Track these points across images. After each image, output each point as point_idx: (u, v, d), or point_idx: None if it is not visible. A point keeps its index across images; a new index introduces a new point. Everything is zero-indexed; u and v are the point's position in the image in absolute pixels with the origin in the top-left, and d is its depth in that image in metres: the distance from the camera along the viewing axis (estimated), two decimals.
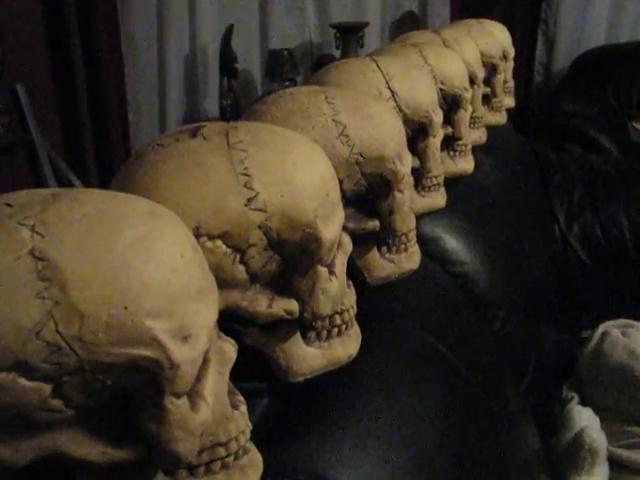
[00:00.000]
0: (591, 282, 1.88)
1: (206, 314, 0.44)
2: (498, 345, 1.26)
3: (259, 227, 0.56)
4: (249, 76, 2.86)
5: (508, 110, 1.75)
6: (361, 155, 0.73)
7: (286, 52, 2.75)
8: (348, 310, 0.67)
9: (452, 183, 1.26)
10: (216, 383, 0.47)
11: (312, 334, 0.64)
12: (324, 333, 0.65)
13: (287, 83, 2.66)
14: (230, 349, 0.49)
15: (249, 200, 0.56)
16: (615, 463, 1.17)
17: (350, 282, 0.69)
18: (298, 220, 0.57)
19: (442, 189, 1.10)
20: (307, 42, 2.92)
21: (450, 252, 1.25)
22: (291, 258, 0.59)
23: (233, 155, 0.57)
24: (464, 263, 1.28)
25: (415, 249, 0.86)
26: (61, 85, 2.48)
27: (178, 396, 0.42)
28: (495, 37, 1.56)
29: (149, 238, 0.42)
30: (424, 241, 1.20)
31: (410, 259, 0.84)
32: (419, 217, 1.10)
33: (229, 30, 2.60)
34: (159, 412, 0.42)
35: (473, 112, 1.31)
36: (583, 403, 1.31)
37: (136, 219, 0.43)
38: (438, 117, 0.98)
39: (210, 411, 0.45)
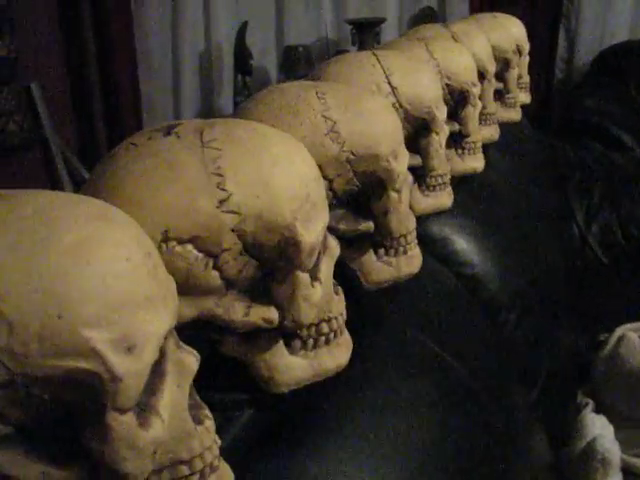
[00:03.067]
0: (609, 283, 1.83)
1: (156, 323, 0.40)
2: (509, 351, 1.22)
3: (233, 230, 0.53)
4: (264, 73, 2.83)
5: (523, 106, 1.70)
6: (352, 153, 0.69)
7: (302, 48, 2.72)
8: (336, 317, 0.63)
9: (463, 182, 1.22)
10: (174, 397, 0.43)
11: (297, 343, 0.61)
12: (310, 342, 0.61)
13: (303, 80, 2.62)
14: (190, 360, 0.46)
15: (221, 202, 0.53)
16: (630, 472, 1.13)
17: (339, 288, 0.65)
18: (275, 223, 0.54)
19: (448, 189, 1.06)
20: (323, 38, 2.88)
21: (459, 253, 1.21)
22: (269, 263, 0.55)
23: (206, 154, 0.54)
24: (474, 265, 1.23)
25: (415, 252, 0.82)
26: (75, 84, 2.47)
27: (122, 412, 0.39)
28: (508, 31, 1.51)
29: (90, 241, 0.39)
30: (431, 241, 1.16)
31: (410, 263, 0.80)
32: (425, 217, 1.07)
33: (243, 26, 2.57)
34: (102, 429, 0.39)
35: (483, 108, 1.26)
36: (597, 409, 1.27)
37: (79, 222, 0.40)
38: (441, 113, 0.94)
39: (165, 427, 0.42)
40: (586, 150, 2.35)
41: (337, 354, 0.64)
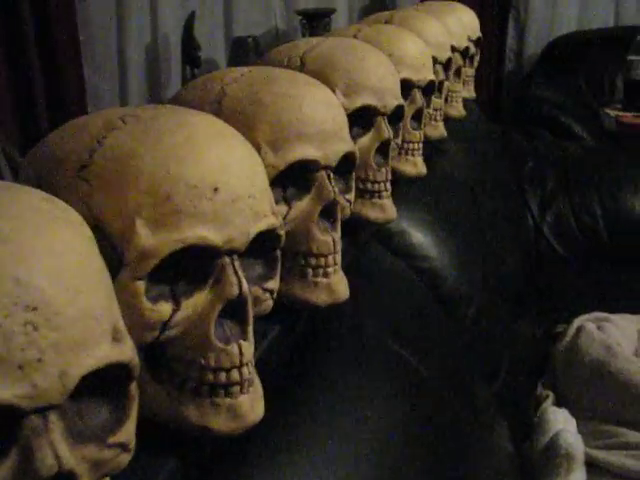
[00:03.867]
0: (565, 273, 1.83)
1: None
2: (469, 345, 1.21)
3: (82, 200, 0.49)
4: (213, 65, 2.77)
5: (476, 99, 1.68)
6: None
7: (251, 39, 2.67)
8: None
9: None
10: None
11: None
12: (177, 379, 0.53)
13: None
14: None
15: (82, 167, 0.50)
16: (592, 465, 1.12)
17: (251, 334, 0.55)
18: (116, 208, 0.49)
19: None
20: (273, 29, 2.84)
21: (416, 247, 1.19)
22: (117, 252, 0.50)
23: (114, 124, 0.52)
24: (431, 258, 1.21)
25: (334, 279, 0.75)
26: (16, 76, 2.38)
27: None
28: (461, 20, 1.49)
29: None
30: (388, 235, 1.14)
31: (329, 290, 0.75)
32: None
33: (191, 17, 2.51)
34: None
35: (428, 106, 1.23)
36: (558, 402, 1.26)
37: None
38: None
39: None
40: (538, 139, 2.36)
41: (207, 413, 0.54)
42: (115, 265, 0.48)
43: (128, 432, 0.42)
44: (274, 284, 0.60)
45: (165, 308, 0.50)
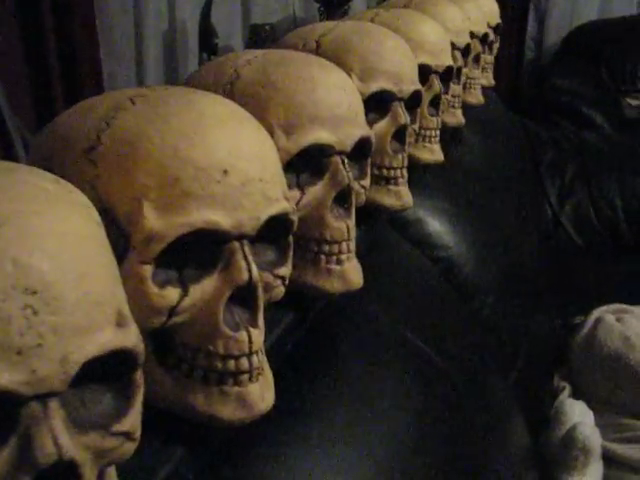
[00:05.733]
0: (584, 264, 1.81)
1: None
2: (485, 335, 1.19)
3: (89, 182, 0.48)
4: (230, 52, 2.76)
5: (495, 87, 1.66)
6: None
7: (268, 27, 2.65)
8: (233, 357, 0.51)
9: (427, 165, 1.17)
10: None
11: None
12: (184, 366, 0.52)
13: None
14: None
15: (90, 149, 0.49)
16: (609, 459, 1.10)
17: (261, 321, 0.53)
18: (126, 189, 0.48)
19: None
20: (290, 17, 2.81)
21: (433, 235, 1.17)
22: (124, 236, 0.49)
23: (120, 104, 0.51)
24: (448, 247, 1.20)
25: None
26: (33, 64, 2.38)
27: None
28: (481, 6, 1.47)
29: None
30: (404, 224, 1.12)
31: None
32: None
33: (208, 4, 2.50)
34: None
35: (446, 92, 1.20)
36: (575, 394, 1.24)
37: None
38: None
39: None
40: (558, 129, 2.32)
41: (215, 401, 0.52)
42: (122, 249, 0.47)
43: (133, 421, 0.41)
44: (286, 270, 0.58)
45: (172, 293, 0.49)
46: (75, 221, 0.38)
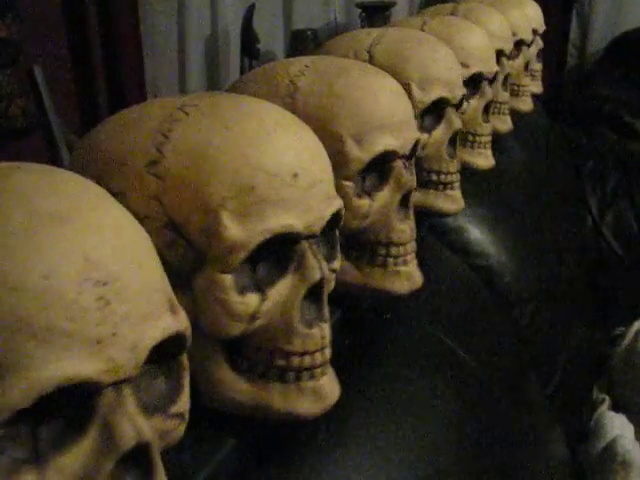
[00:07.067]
0: (625, 275, 1.78)
1: None
2: (524, 344, 1.18)
3: (154, 197, 0.48)
4: (271, 57, 2.78)
5: (536, 94, 1.65)
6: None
7: (310, 32, 2.67)
8: (306, 354, 0.52)
9: (477, 171, 1.17)
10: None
11: (243, 362, 0.53)
12: (259, 368, 0.53)
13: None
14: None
15: (151, 163, 0.49)
16: None
17: (328, 314, 0.54)
18: (198, 202, 0.48)
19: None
20: (332, 22, 2.83)
21: (473, 244, 1.17)
22: (196, 249, 0.49)
23: (172, 114, 0.51)
24: (489, 255, 1.19)
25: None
26: (79, 67, 2.42)
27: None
28: (524, 12, 1.46)
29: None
30: (445, 232, 1.12)
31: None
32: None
33: (251, 9, 2.52)
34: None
35: (494, 98, 1.20)
36: (615, 406, 1.23)
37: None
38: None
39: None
40: (599, 138, 2.30)
41: (292, 398, 0.53)
42: (192, 262, 0.49)
43: (184, 402, 0.43)
44: (337, 263, 0.59)
45: (253, 299, 0.50)
46: (121, 215, 0.40)
